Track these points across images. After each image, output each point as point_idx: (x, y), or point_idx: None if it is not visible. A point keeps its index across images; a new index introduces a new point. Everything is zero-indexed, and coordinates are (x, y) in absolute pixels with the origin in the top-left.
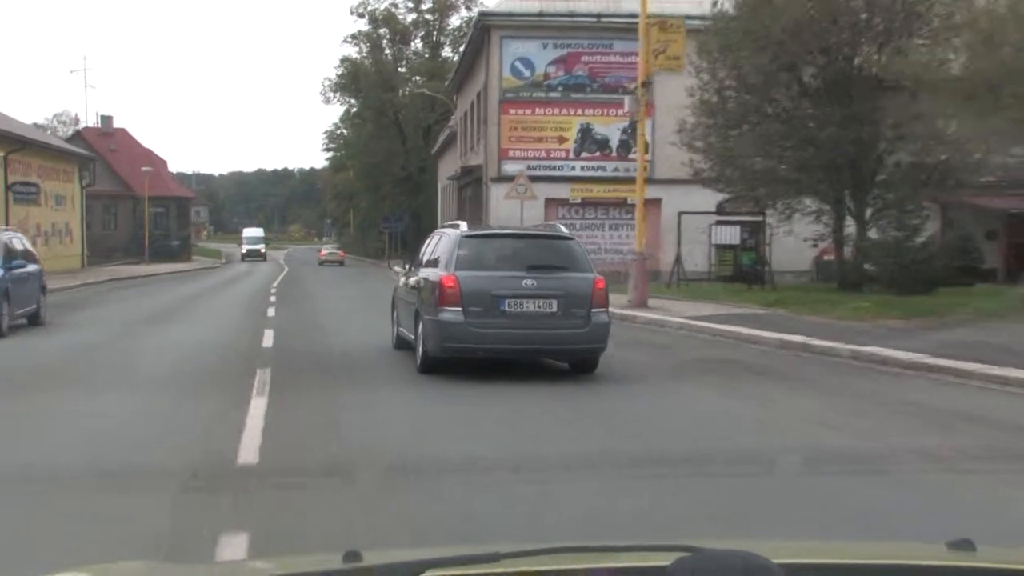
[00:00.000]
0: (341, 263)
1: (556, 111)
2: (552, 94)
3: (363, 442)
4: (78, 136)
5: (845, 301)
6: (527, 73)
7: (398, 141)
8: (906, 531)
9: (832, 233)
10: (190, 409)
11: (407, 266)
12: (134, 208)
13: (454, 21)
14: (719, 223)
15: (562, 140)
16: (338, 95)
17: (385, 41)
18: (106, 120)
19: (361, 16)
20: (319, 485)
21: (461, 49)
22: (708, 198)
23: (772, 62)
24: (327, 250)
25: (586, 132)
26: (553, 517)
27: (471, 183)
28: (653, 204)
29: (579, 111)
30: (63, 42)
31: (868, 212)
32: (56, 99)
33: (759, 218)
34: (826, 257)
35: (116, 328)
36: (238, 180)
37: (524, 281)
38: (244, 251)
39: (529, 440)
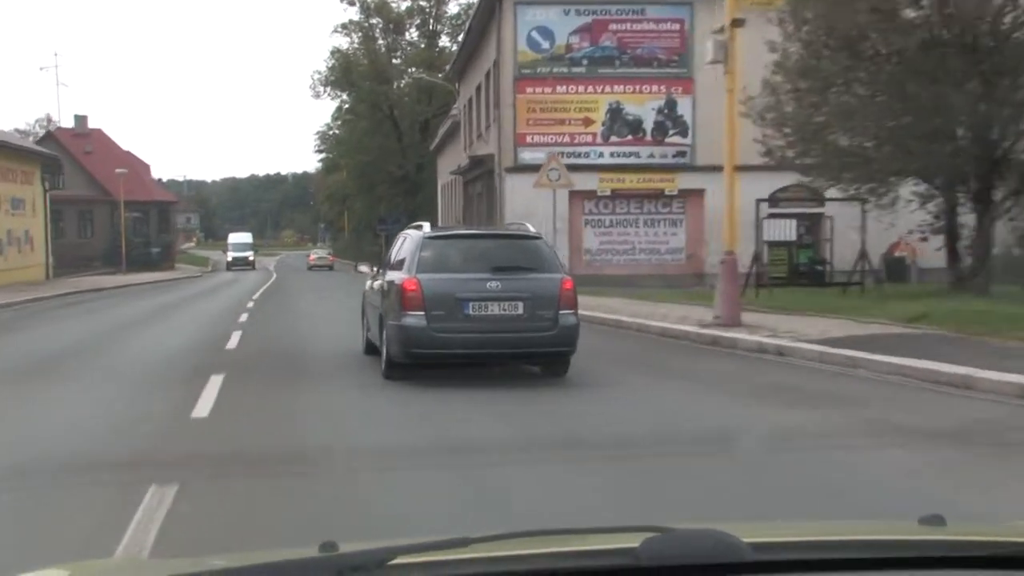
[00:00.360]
0: (330, 267)
1: (580, 88)
2: (576, 69)
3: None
4: (49, 136)
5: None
6: (546, 45)
7: (393, 137)
8: None
9: (943, 222)
10: None
11: (375, 268)
12: (112, 214)
13: (451, 8)
14: (771, 216)
15: (588, 122)
16: (329, 90)
17: (378, 31)
18: (80, 120)
19: (352, 4)
20: None
21: (462, 34)
22: (761, 188)
23: (872, 9)
24: (316, 255)
25: (616, 112)
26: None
27: (481, 176)
28: (695, 195)
29: (607, 88)
30: (37, 40)
31: (998, 196)
32: (35, 103)
33: (819, 210)
34: (897, 254)
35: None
36: (230, 186)
37: (489, 283)
38: (229, 259)
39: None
